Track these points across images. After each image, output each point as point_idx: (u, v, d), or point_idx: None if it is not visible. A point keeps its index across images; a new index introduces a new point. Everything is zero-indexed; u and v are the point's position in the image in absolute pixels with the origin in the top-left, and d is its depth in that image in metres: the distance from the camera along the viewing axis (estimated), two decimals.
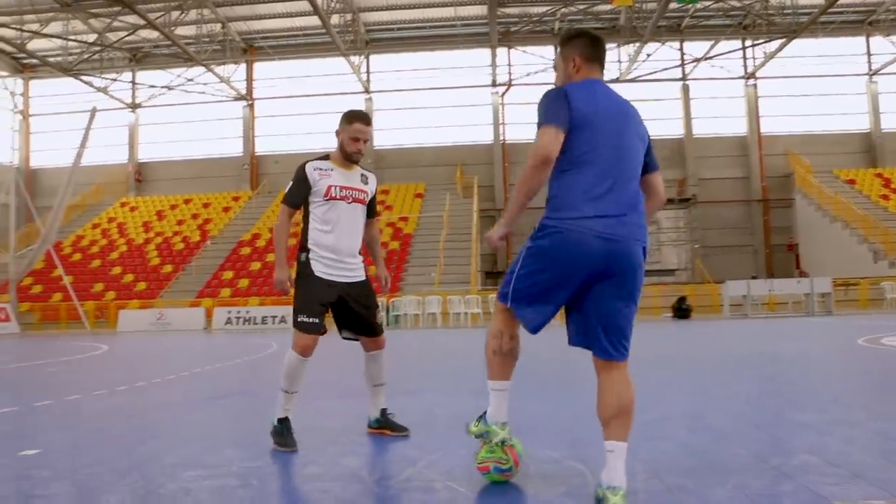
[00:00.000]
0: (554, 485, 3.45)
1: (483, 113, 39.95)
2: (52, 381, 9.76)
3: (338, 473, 3.82)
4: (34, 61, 40.55)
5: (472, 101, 39.79)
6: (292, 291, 4.70)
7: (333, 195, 4.64)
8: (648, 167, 3.23)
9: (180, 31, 35.97)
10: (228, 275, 31.32)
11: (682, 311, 24.67)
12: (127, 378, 9.15)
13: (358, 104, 39.89)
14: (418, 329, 22.74)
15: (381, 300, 24.22)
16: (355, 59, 39.07)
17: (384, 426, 4.94)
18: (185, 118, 41.89)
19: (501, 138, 39.39)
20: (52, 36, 35.67)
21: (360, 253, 4.82)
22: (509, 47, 39.60)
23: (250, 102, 41.28)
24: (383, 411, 4.98)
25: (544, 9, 36.59)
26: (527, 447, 4.22)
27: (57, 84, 42.15)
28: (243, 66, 41.02)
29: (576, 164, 3.01)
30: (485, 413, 3.48)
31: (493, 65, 39.94)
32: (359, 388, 7.60)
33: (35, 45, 37.92)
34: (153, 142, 42.72)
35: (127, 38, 37.78)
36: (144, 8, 31.15)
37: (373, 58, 40.32)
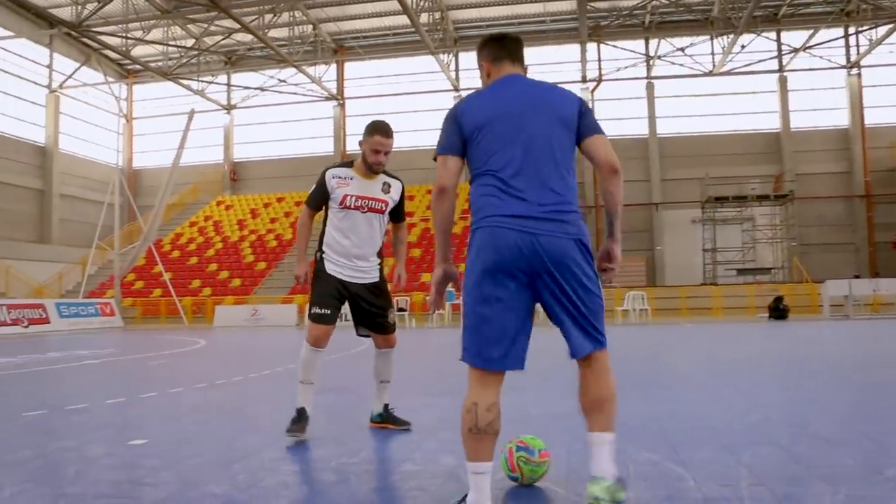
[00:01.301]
0: (655, 488, 3.37)
1: None
2: (155, 373, 10.13)
3: (434, 471, 3.83)
4: (137, 67, 42.19)
5: None
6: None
7: (348, 205, 4.79)
8: (582, 135, 3.02)
9: (273, 33, 36.86)
10: None
11: (778, 311, 23.86)
12: (225, 372, 9.42)
13: (447, 102, 40.05)
14: None
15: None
16: (444, 56, 39.23)
17: (387, 420, 5.08)
18: (277, 118, 42.90)
19: None
20: (153, 42, 37.11)
21: (378, 255, 4.95)
22: (599, 42, 39.06)
23: (341, 102, 41.93)
24: (386, 406, 5.11)
25: (634, 2, 35.97)
26: (625, 448, 4.15)
27: (157, 88, 43.84)
28: (334, 66, 41.72)
29: (483, 169, 2.97)
30: (464, 498, 2.93)
31: (583, 60, 39.45)
32: (452, 386, 7.65)
33: (138, 51, 39.55)
34: (247, 142, 43.92)
35: (222, 42, 39.02)
36: (239, 12, 32.03)
37: (462, 55, 40.34)
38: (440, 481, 3.62)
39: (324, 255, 4.87)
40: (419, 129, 40.31)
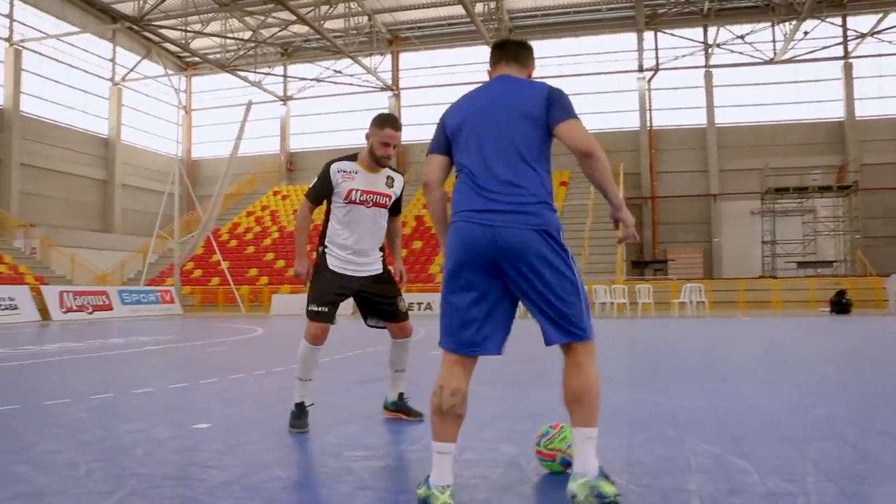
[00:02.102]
0: (717, 481, 3.34)
1: (629, 99, 38.99)
2: (215, 360, 10.33)
3: (495, 460, 3.84)
4: (196, 59, 42.92)
5: (617, 86, 38.92)
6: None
7: (353, 199, 4.73)
8: (551, 125, 3.05)
9: (328, 24, 37.13)
10: None
11: (841, 305, 23.29)
12: (283, 360, 9.55)
13: None
14: None
15: None
16: None
17: (400, 409, 5.10)
18: (333, 109, 43.23)
19: (648, 125, 38.34)
20: (212, 35, 37.72)
21: (380, 249, 4.94)
22: (656, 30, 38.46)
23: (396, 92, 42.06)
24: (400, 395, 5.12)
25: None
26: (685, 440, 4.12)
27: (215, 80, 44.55)
28: (389, 56, 41.86)
29: (459, 167, 3.15)
30: (427, 478, 3.02)
31: (640, 49, 38.88)
32: (508, 376, 7.66)
33: (197, 44, 40.24)
34: (303, 132, 44.40)
35: (279, 34, 39.49)
36: (295, 4, 32.36)
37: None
38: (501, 469, 3.63)
39: (326, 250, 4.83)
40: None
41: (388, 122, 4.69)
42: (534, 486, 3.35)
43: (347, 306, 5.07)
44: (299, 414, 4.73)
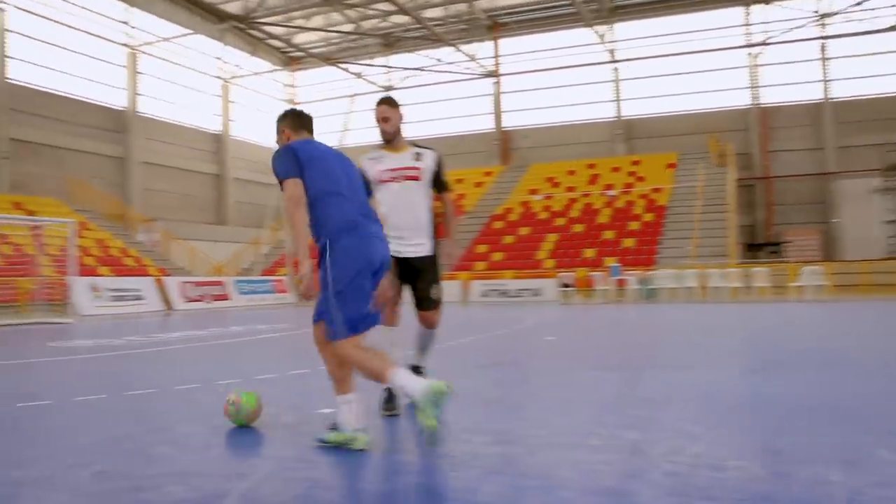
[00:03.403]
0: (863, 474, 3.19)
1: (737, 76, 37.60)
2: None
3: (618, 445, 3.80)
4: (300, 54, 43.90)
5: (724, 63, 37.54)
6: None
7: (383, 178, 5.08)
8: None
9: (428, 13, 37.31)
10: (483, 248, 32.18)
11: None
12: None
13: (604, 75, 39.28)
14: (675, 302, 22.07)
15: (635, 274, 23.70)
16: (600, 28, 38.42)
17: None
18: (435, 97, 43.39)
19: (758, 101, 36.90)
20: (314, 29, 38.48)
21: (426, 229, 5.07)
22: (765, 3, 36.91)
23: (497, 78, 41.89)
24: (415, 368, 5.17)
25: None
26: (833, 432, 3.97)
27: (319, 73, 45.46)
28: (489, 43, 41.69)
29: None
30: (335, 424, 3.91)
31: (748, 24, 37.41)
32: (626, 361, 7.55)
33: (300, 38, 41.14)
34: (407, 122, 44.52)
35: (380, 25, 39.91)
36: None
37: (618, 26, 39.26)
38: (625, 455, 3.58)
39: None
40: (577, 104, 39.78)
41: (381, 101, 5.23)
42: (664, 472, 3.27)
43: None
44: (389, 398, 4.87)
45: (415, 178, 5.08)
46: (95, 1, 33.37)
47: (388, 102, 5.22)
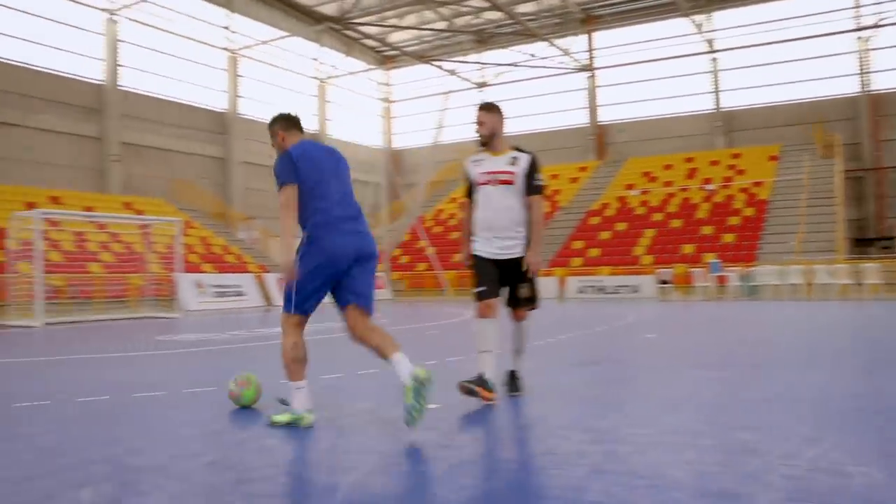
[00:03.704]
0: None
1: (843, 62, 35.90)
2: (431, 342, 10.65)
3: (731, 446, 3.68)
4: (394, 52, 44.38)
5: (831, 49, 35.92)
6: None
7: (482, 181, 5.28)
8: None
9: (521, 8, 37.12)
10: (579, 244, 31.85)
11: None
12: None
13: (702, 66, 38.25)
14: (779, 300, 21.33)
15: (736, 270, 22.96)
16: (698, 17, 37.43)
17: (509, 384, 5.41)
18: (529, 93, 43.14)
19: (868, 88, 35.12)
20: (408, 28, 38.82)
21: (522, 233, 5.18)
22: None
23: (592, 72, 41.32)
24: (512, 373, 5.43)
25: None
26: None
27: (413, 71, 45.85)
28: (583, 36, 41.18)
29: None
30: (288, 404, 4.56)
31: (857, 6, 35.63)
32: (733, 359, 7.33)
33: (394, 37, 41.58)
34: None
35: (473, 22, 39.94)
36: None
37: (716, 15, 38.14)
38: (738, 457, 3.46)
39: (474, 238, 5.30)
40: (674, 96, 38.86)
41: (479, 107, 5.38)
42: (781, 476, 3.14)
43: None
44: (478, 383, 5.04)
45: (508, 182, 5.19)
46: (199, 8, 34.58)
47: (482, 107, 5.36)
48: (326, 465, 3.53)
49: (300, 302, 4.44)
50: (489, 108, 5.32)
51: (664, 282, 24.57)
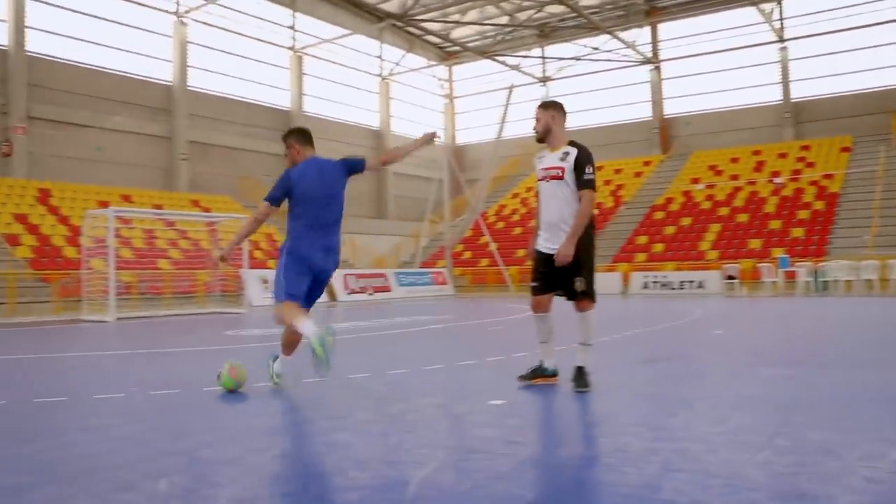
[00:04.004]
0: None
1: None
2: (496, 338, 10.65)
3: (808, 447, 3.59)
4: (456, 48, 44.40)
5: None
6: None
7: (539, 177, 5.49)
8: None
9: (584, 1, 36.74)
10: (643, 239, 31.45)
11: None
12: (561, 339, 9.63)
13: (770, 56, 37.34)
14: (851, 296, 20.72)
15: (805, 265, 22.36)
16: (766, 6, 36.53)
17: (575, 380, 5.31)
18: (592, 86, 42.71)
19: None
20: (470, 23, 38.79)
21: (569, 225, 5.24)
22: None
23: (656, 65, 40.68)
24: (580, 368, 5.34)
25: None
26: None
27: (475, 66, 45.81)
28: (647, 28, 40.59)
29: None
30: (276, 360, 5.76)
31: None
32: (805, 357, 7.17)
33: (456, 33, 41.59)
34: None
35: (535, 16, 39.69)
36: None
37: (786, 3, 37.11)
38: (817, 458, 3.37)
39: (538, 235, 5.52)
40: (741, 87, 37.98)
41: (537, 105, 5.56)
42: (863, 478, 3.05)
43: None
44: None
45: (558, 178, 5.33)
46: (264, 9, 35.15)
47: (539, 105, 5.55)
48: (396, 460, 3.56)
49: (289, 292, 5.21)
50: (544, 106, 5.50)
51: (730, 277, 24.08)
